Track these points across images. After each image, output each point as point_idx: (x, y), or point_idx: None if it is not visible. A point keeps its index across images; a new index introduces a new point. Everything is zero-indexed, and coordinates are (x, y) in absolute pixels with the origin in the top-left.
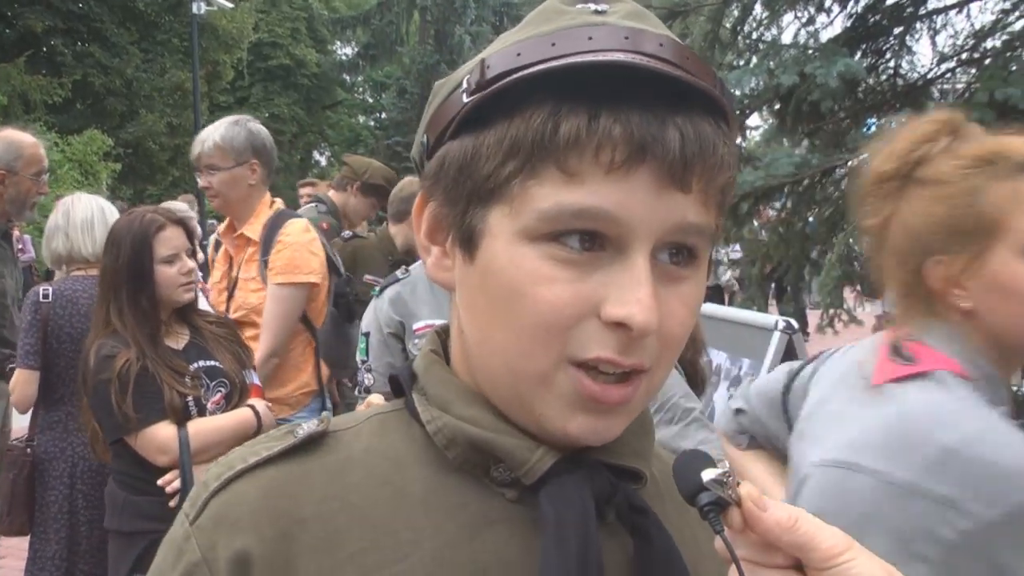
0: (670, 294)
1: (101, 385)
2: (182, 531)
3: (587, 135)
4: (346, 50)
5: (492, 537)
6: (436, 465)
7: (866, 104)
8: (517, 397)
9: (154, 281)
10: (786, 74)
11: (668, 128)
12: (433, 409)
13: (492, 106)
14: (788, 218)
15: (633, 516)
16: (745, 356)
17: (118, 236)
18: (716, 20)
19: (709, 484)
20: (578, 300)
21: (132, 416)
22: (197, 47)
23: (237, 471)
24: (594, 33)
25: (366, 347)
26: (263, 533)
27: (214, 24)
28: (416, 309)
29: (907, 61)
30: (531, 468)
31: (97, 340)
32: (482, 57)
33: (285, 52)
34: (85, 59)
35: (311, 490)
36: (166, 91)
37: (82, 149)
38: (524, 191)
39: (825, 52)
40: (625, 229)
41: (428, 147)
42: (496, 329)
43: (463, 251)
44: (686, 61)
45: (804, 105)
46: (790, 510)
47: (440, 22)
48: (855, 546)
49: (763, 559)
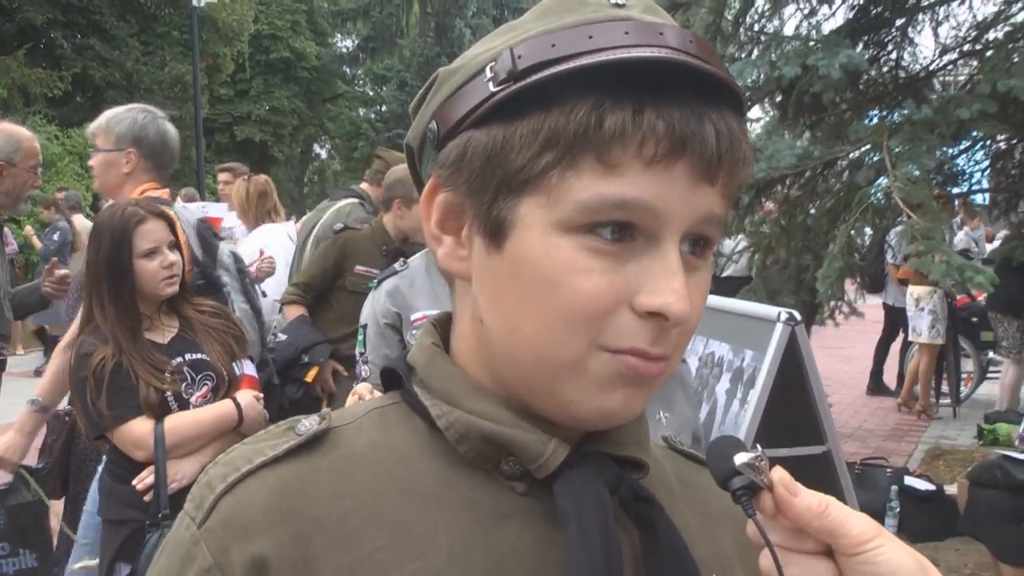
0: (692, 284)
1: (79, 383)
2: (189, 535)
3: (632, 129)
4: (346, 43)
5: (506, 531)
6: (444, 459)
7: (868, 96)
8: (545, 385)
9: (133, 275)
10: (788, 66)
11: (705, 124)
12: (441, 403)
13: (525, 96)
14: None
15: (638, 506)
16: (748, 348)
17: (99, 230)
18: (718, 12)
19: (742, 468)
20: (614, 290)
21: (106, 414)
22: (197, 40)
23: (243, 472)
24: (629, 28)
25: (363, 339)
26: (278, 535)
27: (214, 16)
28: (414, 301)
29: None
30: (545, 462)
31: (80, 336)
32: (509, 46)
33: (285, 45)
34: (85, 52)
35: (321, 489)
36: (166, 84)
37: (82, 142)
38: (562, 182)
39: (827, 44)
40: (660, 221)
41: (439, 135)
42: (526, 319)
43: (488, 241)
44: (711, 57)
45: (806, 97)
46: (821, 497)
47: (440, 15)
48: (884, 533)
49: (794, 544)
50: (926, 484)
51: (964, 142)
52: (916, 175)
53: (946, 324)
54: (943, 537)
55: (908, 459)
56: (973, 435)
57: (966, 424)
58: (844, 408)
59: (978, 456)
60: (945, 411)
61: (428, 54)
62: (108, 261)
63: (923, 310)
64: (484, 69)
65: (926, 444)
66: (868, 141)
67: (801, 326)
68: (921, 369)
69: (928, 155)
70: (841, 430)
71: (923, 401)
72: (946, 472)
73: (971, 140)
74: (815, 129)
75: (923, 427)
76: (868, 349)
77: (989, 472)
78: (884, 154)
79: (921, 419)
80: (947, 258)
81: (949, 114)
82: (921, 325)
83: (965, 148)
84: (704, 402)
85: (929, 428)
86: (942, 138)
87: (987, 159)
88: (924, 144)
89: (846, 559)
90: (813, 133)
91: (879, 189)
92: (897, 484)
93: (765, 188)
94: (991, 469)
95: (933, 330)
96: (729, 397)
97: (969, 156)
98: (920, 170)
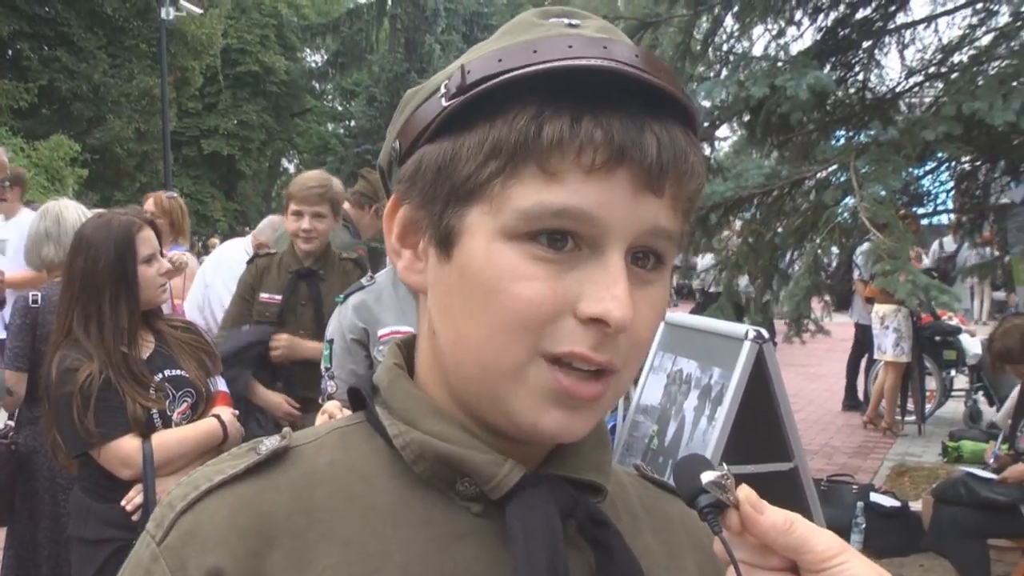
0: (639, 296)
1: (63, 399)
2: (148, 552)
3: (570, 137)
4: (315, 57)
5: (460, 551)
6: (401, 479)
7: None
8: (489, 394)
9: (138, 282)
10: (756, 86)
11: (646, 134)
12: (399, 423)
13: (472, 110)
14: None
15: (594, 529)
16: (716, 365)
17: (94, 239)
18: (687, 32)
19: (708, 487)
20: (555, 297)
21: (94, 431)
22: (166, 52)
23: (203, 490)
24: (573, 42)
25: (330, 354)
26: (234, 551)
27: (183, 30)
28: (381, 316)
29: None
30: (498, 483)
31: (59, 351)
32: (461, 63)
33: (254, 59)
34: (52, 64)
35: (279, 506)
36: (134, 97)
37: (48, 155)
38: (504, 190)
39: (795, 65)
40: (602, 229)
41: (400, 153)
42: (471, 327)
43: (439, 251)
44: (659, 72)
45: (774, 117)
46: (786, 514)
47: (410, 31)
48: (849, 549)
49: (759, 561)
50: (891, 500)
51: (929, 163)
52: (882, 195)
53: (911, 342)
54: (908, 553)
55: (874, 476)
56: (938, 452)
57: (931, 441)
58: (811, 425)
59: (942, 473)
60: (910, 428)
61: (397, 70)
62: (111, 269)
63: (888, 328)
64: (440, 87)
65: (891, 461)
66: (835, 161)
67: (769, 344)
68: (886, 387)
69: (894, 175)
70: (807, 447)
71: (888, 418)
72: (911, 489)
73: (936, 161)
74: (783, 149)
75: (888, 444)
76: (835, 367)
77: (953, 489)
78: (851, 174)
79: (886, 436)
80: (912, 277)
81: (915, 135)
82: (886, 343)
83: (930, 169)
84: (672, 419)
85: (894, 445)
86: (908, 159)
87: (951, 180)
88: (890, 165)
89: (811, 575)
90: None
91: (846, 209)
92: (863, 500)
93: (733, 207)
94: (955, 486)
95: (898, 348)
96: (697, 414)
97: (934, 177)
98: (886, 190)
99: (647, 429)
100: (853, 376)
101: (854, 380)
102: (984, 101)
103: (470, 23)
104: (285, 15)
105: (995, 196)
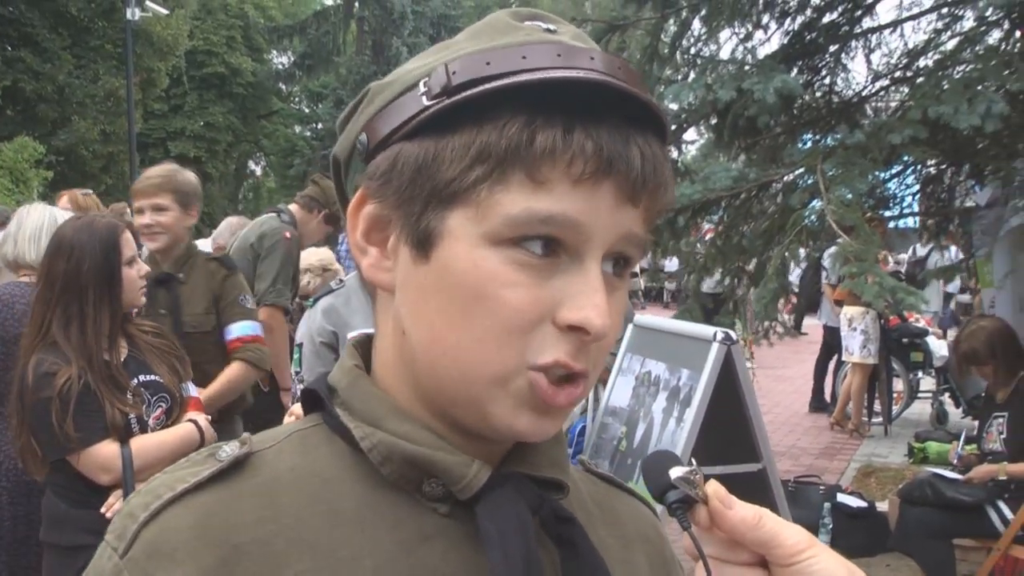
0: (610, 302)
1: (41, 404)
2: (111, 565)
3: (563, 147)
4: (282, 59)
5: (429, 552)
6: (366, 481)
7: (802, 120)
8: (467, 396)
9: (122, 284)
10: (723, 89)
11: (631, 146)
12: (364, 425)
13: (457, 111)
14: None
15: (559, 526)
16: (684, 367)
17: (78, 240)
18: (654, 35)
19: (677, 482)
20: (537, 304)
21: (73, 436)
22: (131, 54)
23: (166, 500)
24: (561, 51)
25: (299, 358)
26: (202, 563)
27: (148, 31)
28: (350, 319)
29: (842, 78)
30: (468, 483)
31: (35, 355)
32: (444, 62)
33: (220, 60)
34: (15, 64)
35: (245, 514)
36: (99, 98)
37: (12, 156)
38: (491, 196)
39: (762, 68)
40: (584, 237)
41: (368, 147)
42: (450, 330)
43: (416, 251)
44: (638, 84)
45: (741, 120)
46: (755, 509)
47: (377, 33)
48: (817, 543)
49: (728, 556)
50: (858, 501)
51: (896, 166)
52: (849, 198)
53: (878, 344)
54: (875, 553)
55: (841, 476)
56: (904, 453)
57: (897, 442)
58: (779, 426)
59: (908, 474)
60: (877, 430)
61: (365, 72)
62: (99, 270)
63: (855, 330)
64: (417, 84)
65: (858, 462)
66: (802, 164)
67: (737, 345)
68: (853, 388)
69: (861, 179)
70: (775, 448)
71: (855, 420)
72: (877, 489)
73: (902, 164)
74: (750, 152)
75: (855, 445)
76: (803, 368)
77: (919, 489)
78: (818, 177)
79: (853, 437)
80: (880, 280)
81: (881, 139)
82: (853, 345)
83: (896, 172)
84: (641, 421)
85: (861, 446)
86: (874, 162)
87: (917, 183)
88: (857, 168)
89: (780, 569)
90: (748, 156)
91: (813, 212)
92: (830, 501)
93: (701, 210)
94: (921, 487)
95: (865, 350)
96: (665, 415)
97: (900, 180)
98: (853, 193)
99: (616, 431)
100: (821, 378)
101: (822, 382)
102: (949, 105)
103: (437, 25)
104: (252, 16)
105: (960, 199)
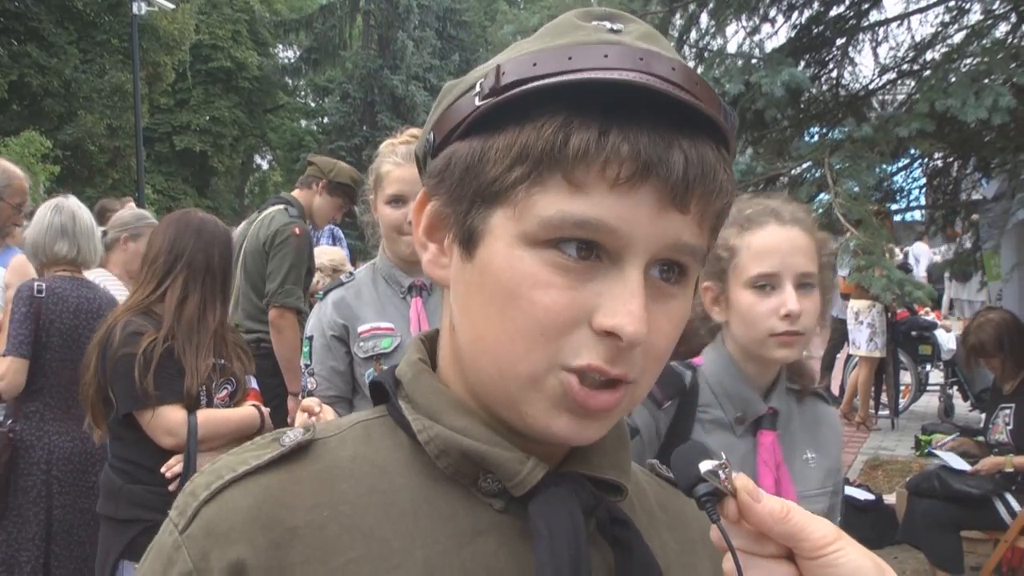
0: (659, 309)
1: (125, 358)
2: (171, 540)
3: (596, 150)
4: (288, 53)
5: (481, 547)
6: (424, 474)
7: (809, 113)
8: (504, 394)
9: (232, 279)
10: (731, 83)
11: (673, 150)
12: (423, 418)
13: (504, 112)
14: None
15: (614, 528)
16: None
17: (214, 231)
18: (661, 28)
19: (706, 475)
20: (573, 306)
21: (152, 392)
22: (137, 48)
23: (227, 480)
24: (610, 51)
25: (309, 351)
26: (257, 543)
27: (155, 25)
28: (360, 312)
29: (849, 72)
30: (522, 480)
31: (124, 317)
32: (497, 63)
33: (226, 55)
34: (22, 59)
35: (302, 499)
36: (105, 92)
37: (19, 151)
38: (528, 197)
39: (770, 62)
40: (623, 242)
41: (434, 145)
42: (490, 328)
43: (462, 249)
44: (695, 86)
45: (748, 114)
46: (782, 502)
47: (383, 27)
48: (844, 537)
49: (756, 549)
50: (866, 494)
51: (902, 160)
52: (856, 191)
53: (885, 338)
54: (882, 545)
55: (848, 469)
56: (911, 446)
57: (904, 435)
58: None
59: (916, 467)
60: (884, 423)
61: (371, 66)
62: (223, 264)
63: (862, 324)
64: (475, 84)
65: (865, 455)
66: (809, 158)
67: None
68: (860, 381)
69: (868, 172)
70: None
71: (862, 413)
72: (885, 482)
73: (909, 158)
74: (757, 145)
75: (863, 438)
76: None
77: (927, 482)
78: (825, 171)
79: (860, 430)
80: (887, 273)
81: (888, 132)
82: (860, 338)
83: (903, 166)
84: None
85: (868, 439)
86: (882, 156)
87: (924, 176)
88: (864, 161)
89: (807, 562)
90: (755, 149)
91: (820, 205)
92: None
93: None
94: (929, 479)
95: (871, 343)
96: None
97: (907, 173)
98: (860, 187)
99: None
100: (828, 371)
101: (829, 375)
102: (956, 98)
103: (443, 19)
104: (257, 11)
105: (967, 192)
